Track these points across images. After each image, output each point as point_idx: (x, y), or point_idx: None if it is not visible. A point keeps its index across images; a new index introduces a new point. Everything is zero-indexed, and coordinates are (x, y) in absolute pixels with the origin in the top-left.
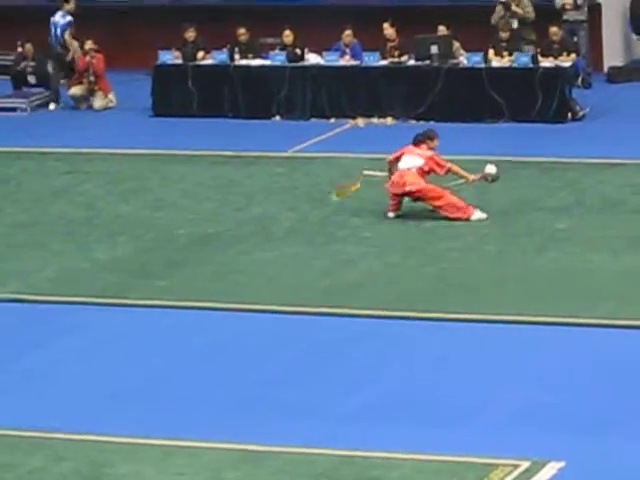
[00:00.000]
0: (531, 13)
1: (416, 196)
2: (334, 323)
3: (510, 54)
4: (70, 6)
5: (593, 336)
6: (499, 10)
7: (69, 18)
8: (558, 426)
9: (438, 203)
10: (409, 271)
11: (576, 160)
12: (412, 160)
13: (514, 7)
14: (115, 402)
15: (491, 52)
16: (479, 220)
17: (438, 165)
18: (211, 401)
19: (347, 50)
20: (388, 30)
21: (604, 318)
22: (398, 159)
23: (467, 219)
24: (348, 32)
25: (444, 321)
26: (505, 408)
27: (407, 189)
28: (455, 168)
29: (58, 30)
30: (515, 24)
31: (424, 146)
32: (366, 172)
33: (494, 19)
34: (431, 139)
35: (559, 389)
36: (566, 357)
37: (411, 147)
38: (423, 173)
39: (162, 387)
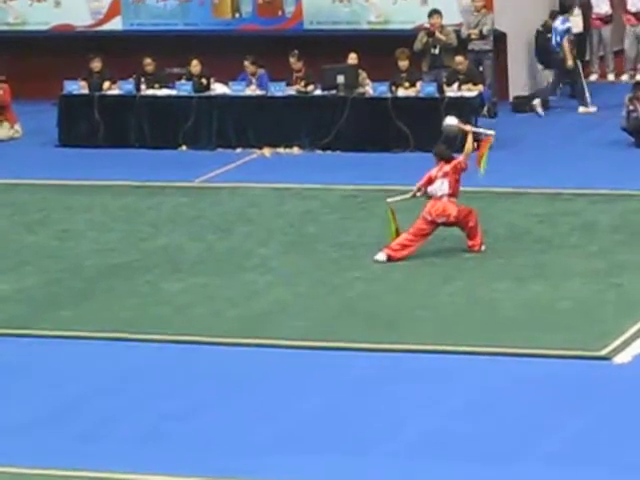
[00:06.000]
0: (454, 40)
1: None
2: (244, 353)
3: (412, 84)
4: None
5: (499, 365)
6: (422, 37)
7: None
8: (464, 455)
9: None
10: (316, 301)
11: (482, 189)
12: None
13: (437, 34)
14: (24, 433)
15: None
16: (377, 261)
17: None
18: (120, 433)
19: (253, 80)
20: (296, 65)
21: (510, 347)
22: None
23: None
24: (247, 62)
25: (351, 350)
26: (411, 437)
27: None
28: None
29: None
30: (437, 50)
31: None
32: (390, 200)
33: (417, 46)
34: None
35: (465, 418)
36: (471, 386)
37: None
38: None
39: (70, 418)
